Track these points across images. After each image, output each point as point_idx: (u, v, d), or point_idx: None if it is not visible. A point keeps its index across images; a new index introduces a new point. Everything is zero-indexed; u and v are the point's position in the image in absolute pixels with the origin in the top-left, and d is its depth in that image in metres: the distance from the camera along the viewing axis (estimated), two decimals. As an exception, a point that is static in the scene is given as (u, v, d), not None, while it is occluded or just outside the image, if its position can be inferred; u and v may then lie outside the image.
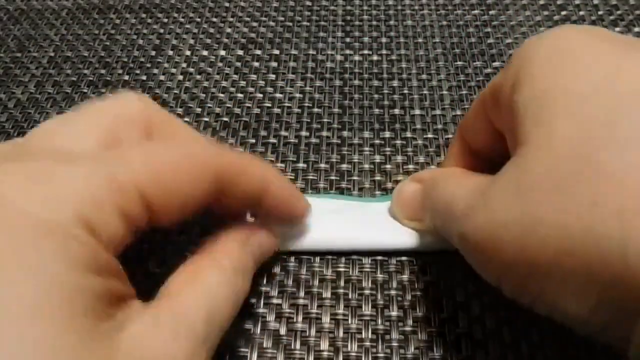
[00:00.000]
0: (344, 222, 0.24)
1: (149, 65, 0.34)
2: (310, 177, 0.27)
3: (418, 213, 0.23)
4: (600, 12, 0.36)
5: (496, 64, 0.33)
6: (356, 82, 0.32)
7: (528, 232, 0.15)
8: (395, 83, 0.32)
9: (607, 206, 0.13)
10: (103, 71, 0.33)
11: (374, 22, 0.36)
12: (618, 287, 0.13)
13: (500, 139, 0.20)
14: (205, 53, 0.34)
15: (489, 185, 0.17)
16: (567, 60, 0.16)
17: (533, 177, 0.15)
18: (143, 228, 0.16)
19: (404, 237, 0.24)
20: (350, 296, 0.23)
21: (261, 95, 0.32)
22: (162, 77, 0.33)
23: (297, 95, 0.32)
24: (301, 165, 0.28)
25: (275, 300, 0.23)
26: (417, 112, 0.30)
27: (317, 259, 0.24)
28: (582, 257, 0.14)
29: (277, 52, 0.34)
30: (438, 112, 0.30)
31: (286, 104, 0.31)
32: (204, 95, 0.32)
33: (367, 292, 0.23)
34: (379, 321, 0.22)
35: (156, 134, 0.19)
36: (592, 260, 0.14)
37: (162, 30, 0.36)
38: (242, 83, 0.32)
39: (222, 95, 0.32)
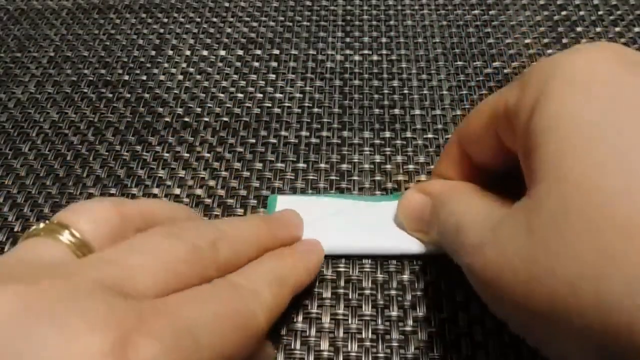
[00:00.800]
0: (346, 227, 0.24)
1: (149, 65, 0.34)
2: (310, 177, 0.27)
3: (424, 226, 0.23)
4: (600, 12, 0.36)
5: (496, 64, 0.33)
6: (356, 82, 0.32)
7: (535, 281, 0.14)
8: (395, 83, 0.32)
9: (617, 269, 0.12)
10: (103, 71, 0.33)
11: (374, 22, 0.36)
12: (623, 354, 0.13)
13: (509, 156, 0.19)
14: (205, 53, 0.34)
15: (500, 222, 0.17)
16: (589, 89, 0.15)
17: (543, 223, 0.14)
18: None
19: (408, 243, 0.24)
20: (350, 296, 0.23)
21: (261, 95, 0.32)
22: (162, 77, 0.33)
23: (297, 95, 0.32)
24: (301, 165, 0.28)
25: (275, 300, 0.23)
26: (417, 112, 0.30)
27: (317, 259, 0.24)
28: (587, 318, 0.13)
29: (277, 52, 0.34)
30: (438, 112, 0.30)
31: (286, 104, 0.31)
32: (204, 95, 0.32)
33: (367, 292, 0.23)
34: (379, 321, 0.22)
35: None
36: (598, 324, 0.13)
37: (162, 30, 0.36)
38: (242, 83, 0.32)
39: (222, 95, 0.32)
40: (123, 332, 0.13)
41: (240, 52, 0.34)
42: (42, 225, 0.17)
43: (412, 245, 0.23)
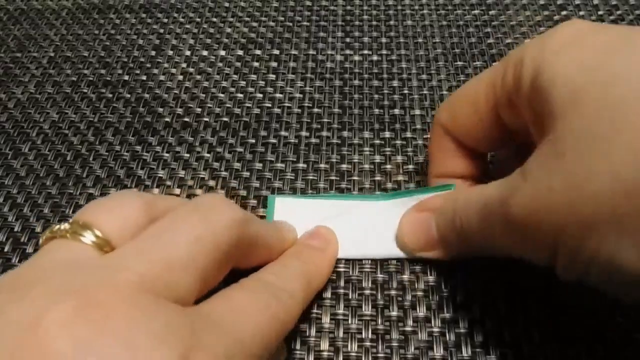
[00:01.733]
0: (346, 231, 0.24)
1: (149, 65, 0.34)
2: (310, 177, 0.27)
3: (433, 243, 0.23)
4: (600, 12, 0.36)
5: (496, 64, 0.33)
6: (356, 82, 0.32)
7: (577, 189, 0.15)
8: (395, 83, 0.32)
9: None
10: (103, 71, 0.33)
11: (374, 22, 0.36)
12: None
13: (506, 135, 0.21)
14: (205, 53, 0.34)
15: (526, 165, 0.18)
16: (582, 46, 0.17)
17: (572, 139, 0.16)
18: None
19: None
20: (350, 296, 0.23)
21: (261, 95, 0.32)
22: (162, 77, 0.33)
23: (297, 95, 0.32)
24: (301, 165, 0.28)
25: (275, 300, 0.23)
26: (417, 112, 0.30)
27: (317, 259, 0.24)
28: (638, 196, 0.14)
29: (277, 52, 0.34)
30: (438, 112, 0.30)
31: (286, 104, 0.31)
32: (204, 95, 0.32)
33: (367, 292, 0.23)
34: (379, 321, 0.22)
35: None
36: None
37: (162, 30, 0.36)
38: (242, 83, 0.32)
39: (222, 95, 0.32)
40: (183, 350, 0.14)
41: (240, 52, 0.34)
42: (65, 225, 0.17)
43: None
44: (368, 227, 0.24)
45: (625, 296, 0.17)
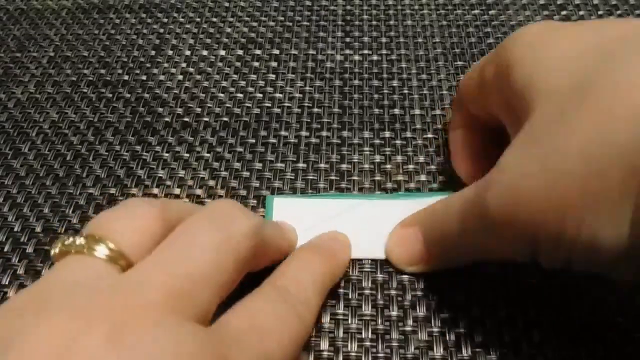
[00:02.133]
0: (346, 231, 0.24)
1: (149, 65, 0.34)
2: (310, 177, 0.27)
3: (422, 256, 0.23)
4: (600, 12, 0.36)
5: (496, 64, 0.33)
6: (356, 82, 0.32)
7: (553, 170, 0.16)
8: (395, 83, 0.32)
9: (615, 119, 0.15)
10: (103, 71, 0.33)
11: (374, 22, 0.36)
12: None
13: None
14: (205, 53, 0.34)
15: (499, 161, 0.18)
16: (545, 43, 0.19)
17: (543, 124, 0.17)
18: None
19: None
20: (350, 296, 0.23)
21: (261, 95, 0.32)
22: (162, 77, 0.33)
23: (297, 95, 0.32)
24: (301, 165, 0.28)
25: (275, 300, 0.23)
26: (417, 112, 0.30)
27: (317, 259, 0.24)
28: (609, 172, 0.14)
29: (277, 52, 0.34)
30: (438, 112, 0.30)
31: (286, 104, 0.31)
32: (204, 95, 0.32)
33: (367, 292, 0.23)
34: (379, 321, 0.22)
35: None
36: (619, 172, 0.14)
37: (162, 30, 0.36)
38: (242, 83, 0.32)
39: (222, 95, 0.32)
40: None
41: (240, 52, 0.34)
42: (80, 240, 0.16)
43: None
44: (367, 227, 0.24)
45: (609, 276, 0.17)
